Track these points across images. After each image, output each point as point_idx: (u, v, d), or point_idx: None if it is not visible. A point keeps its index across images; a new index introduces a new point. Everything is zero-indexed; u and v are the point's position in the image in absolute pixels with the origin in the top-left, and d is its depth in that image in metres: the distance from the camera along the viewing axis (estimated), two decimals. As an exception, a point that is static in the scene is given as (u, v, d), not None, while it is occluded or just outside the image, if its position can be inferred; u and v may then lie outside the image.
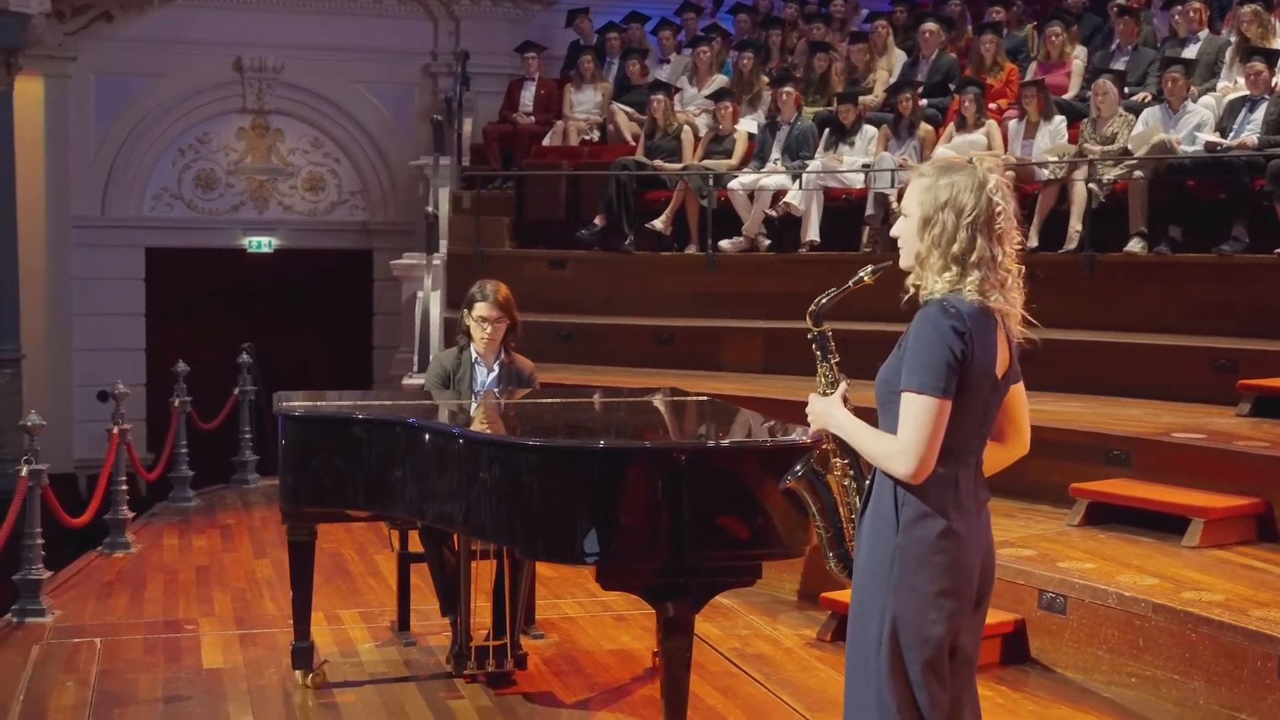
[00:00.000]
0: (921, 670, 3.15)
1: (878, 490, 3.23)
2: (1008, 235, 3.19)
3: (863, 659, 3.22)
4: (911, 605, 3.15)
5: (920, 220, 3.21)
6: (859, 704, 3.25)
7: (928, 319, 3.13)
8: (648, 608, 6.64)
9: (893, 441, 3.14)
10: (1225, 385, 8.20)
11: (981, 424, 3.22)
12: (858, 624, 3.26)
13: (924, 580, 3.15)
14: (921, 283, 3.22)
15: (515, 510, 4.72)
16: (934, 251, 3.18)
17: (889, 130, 11.52)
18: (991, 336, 3.17)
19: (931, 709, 3.17)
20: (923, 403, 3.09)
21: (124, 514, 8.50)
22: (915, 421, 3.09)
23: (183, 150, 14.84)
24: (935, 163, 3.27)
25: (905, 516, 3.16)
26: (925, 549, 3.14)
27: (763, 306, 11.12)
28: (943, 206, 3.16)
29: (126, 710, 5.61)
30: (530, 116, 13.46)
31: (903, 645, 3.16)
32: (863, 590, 3.25)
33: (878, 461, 3.20)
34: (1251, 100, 9.90)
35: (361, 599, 7.34)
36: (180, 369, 10.07)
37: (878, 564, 3.20)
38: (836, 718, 5.43)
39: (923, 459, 3.09)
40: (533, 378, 6.54)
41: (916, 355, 3.11)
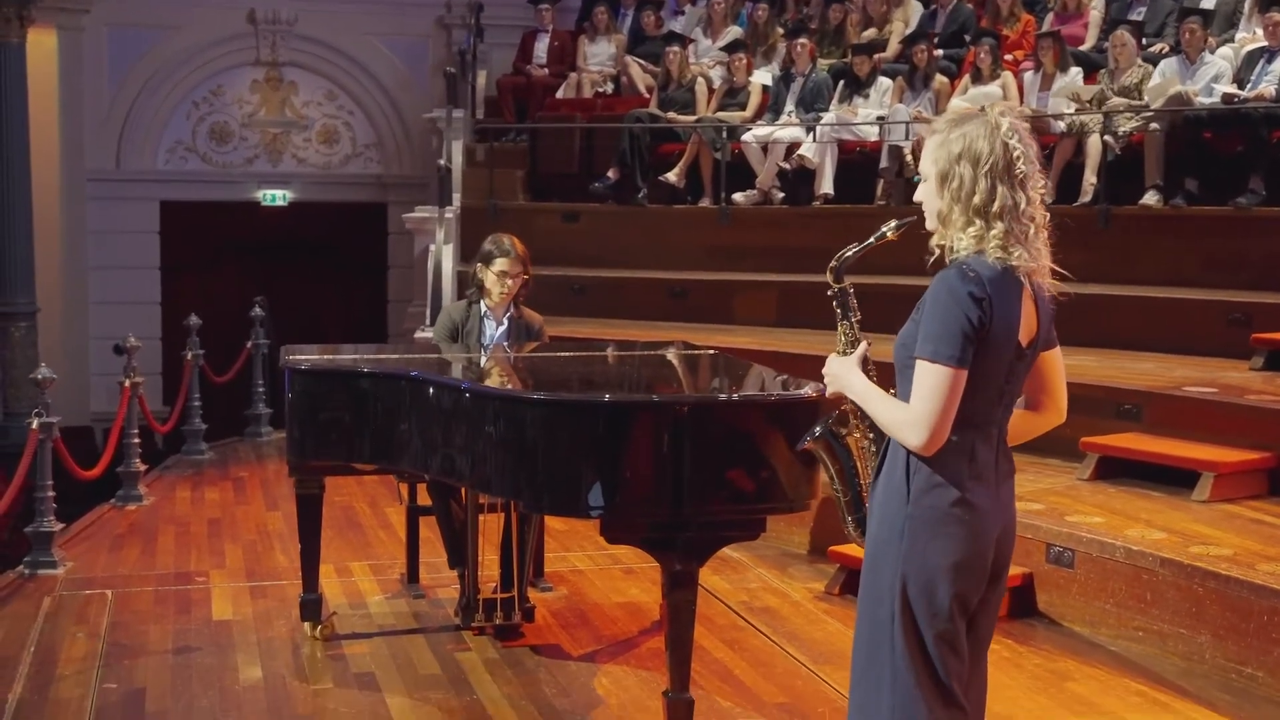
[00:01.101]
0: (935, 642, 3.07)
1: (891, 456, 3.13)
2: (1030, 179, 3.05)
3: (876, 632, 3.13)
4: (922, 577, 3.05)
5: (937, 177, 3.08)
6: (871, 675, 3.15)
7: (945, 284, 3.00)
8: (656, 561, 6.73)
9: (905, 410, 3.03)
10: (1239, 339, 8.16)
11: (1003, 393, 3.11)
12: (870, 595, 3.16)
13: (934, 552, 3.05)
14: (946, 242, 3.09)
15: (521, 464, 4.72)
16: (955, 207, 3.05)
17: (904, 82, 11.45)
18: (1014, 302, 3.03)
19: (950, 678, 3.09)
20: (936, 372, 2.97)
21: (136, 467, 8.53)
22: (928, 391, 2.98)
23: (197, 103, 14.81)
24: (946, 117, 3.15)
25: (916, 485, 3.06)
26: (936, 519, 3.04)
27: (776, 260, 11.08)
28: (958, 159, 3.03)
29: (136, 661, 5.64)
30: (544, 69, 13.39)
31: (915, 617, 3.06)
32: (874, 559, 3.15)
33: (890, 430, 3.09)
34: (1270, 51, 9.80)
35: (372, 551, 7.37)
36: (193, 322, 10.08)
37: (888, 533, 3.10)
38: (843, 671, 5.45)
39: (934, 430, 2.99)
40: (542, 331, 6.54)
41: (932, 321, 2.99)
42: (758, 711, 5.13)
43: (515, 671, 5.55)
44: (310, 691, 5.33)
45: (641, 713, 5.10)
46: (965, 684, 3.15)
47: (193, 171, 14.83)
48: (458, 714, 5.10)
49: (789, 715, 5.10)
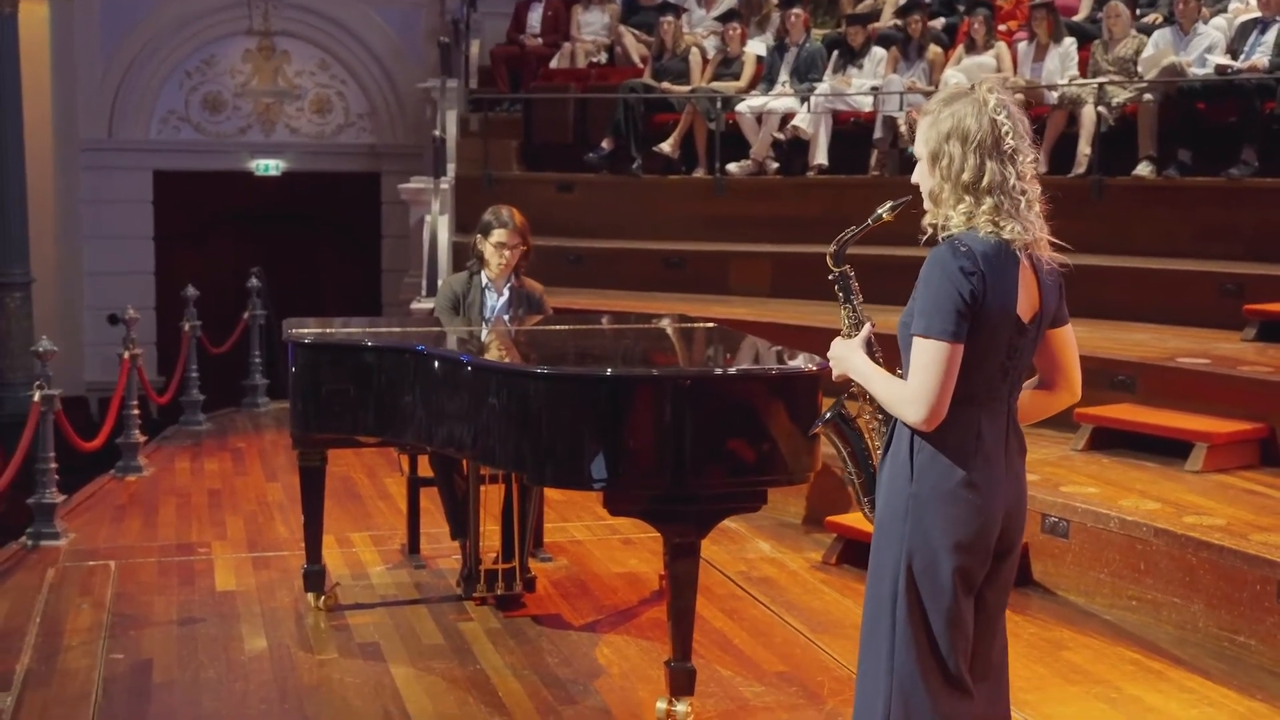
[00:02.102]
0: (939, 619, 3.10)
1: (896, 436, 3.16)
2: (1020, 154, 3.07)
3: (878, 609, 3.17)
4: (926, 555, 3.08)
5: (929, 157, 3.12)
6: (874, 648, 3.19)
7: (937, 260, 3.03)
8: (655, 531, 6.77)
9: (904, 388, 3.07)
10: (1232, 309, 8.21)
11: (1007, 369, 3.11)
12: (875, 573, 3.20)
13: (937, 529, 3.08)
14: (938, 220, 3.12)
15: (524, 436, 4.77)
16: (945, 185, 3.08)
17: (898, 52, 11.47)
18: (1009, 276, 3.05)
19: (950, 657, 3.12)
20: (931, 347, 2.99)
21: (136, 438, 8.57)
22: (924, 367, 3.00)
23: (189, 72, 14.79)
24: (937, 96, 3.18)
25: (920, 463, 3.09)
26: (939, 497, 3.07)
27: (771, 230, 11.12)
28: (947, 138, 3.06)
29: (142, 632, 5.70)
30: (538, 38, 13.39)
31: (919, 595, 3.10)
32: (879, 538, 3.19)
33: (891, 408, 3.12)
34: (1263, 22, 9.82)
35: (372, 522, 7.42)
36: (190, 293, 10.10)
37: (892, 511, 3.14)
38: (841, 639, 5.57)
39: (933, 406, 3.00)
40: (543, 301, 6.58)
41: (925, 298, 3.02)
42: (758, 680, 5.20)
43: (517, 641, 5.61)
44: (315, 661, 5.39)
45: (643, 682, 5.16)
46: (971, 659, 3.19)
47: (186, 141, 14.82)
48: (461, 683, 5.16)
49: (788, 684, 5.17)
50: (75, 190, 14.22)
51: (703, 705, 4.88)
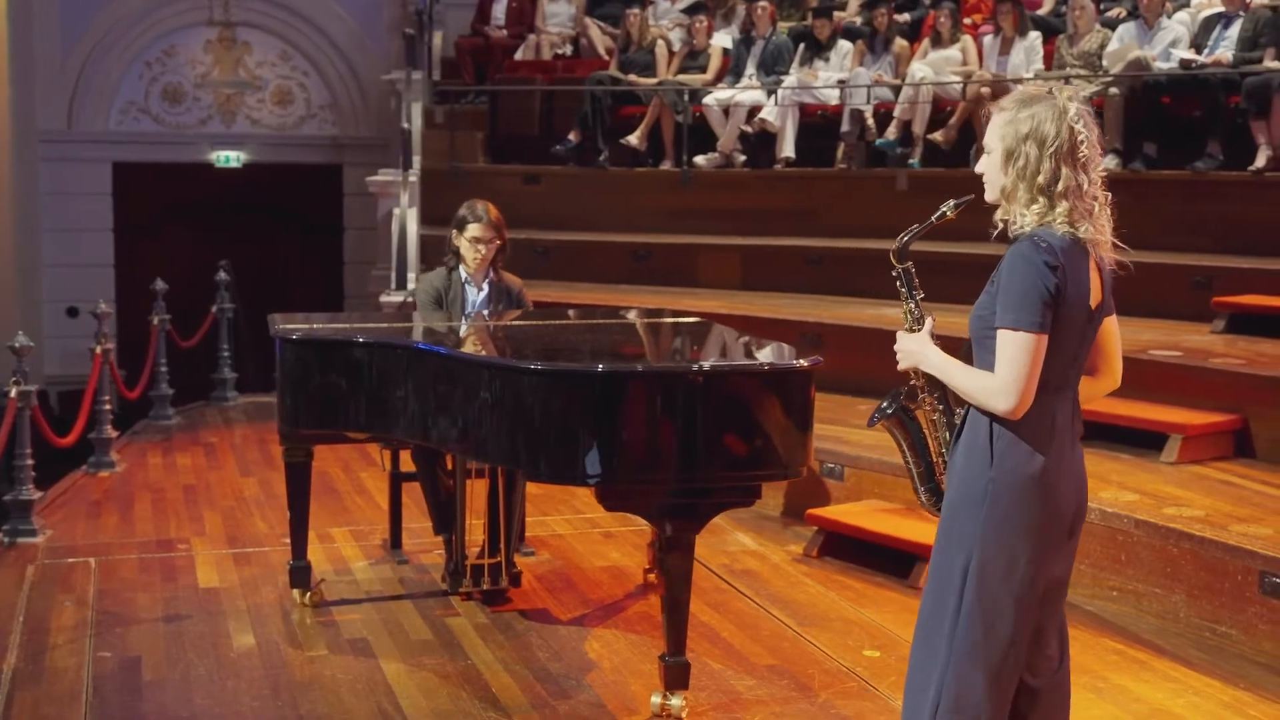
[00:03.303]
0: (1009, 603, 3.20)
1: (971, 424, 3.26)
2: (1092, 162, 3.18)
3: (943, 590, 3.27)
4: (1003, 538, 3.19)
5: (1003, 154, 3.21)
6: (932, 632, 3.29)
7: (1020, 254, 3.14)
8: (636, 524, 6.83)
9: (990, 379, 3.16)
10: (1200, 302, 8.32)
11: (1077, 356, 3.24)
12: (943, 556, 3.29)
13: (1017, 514, 3.18)
14: (1009, 217, 3.23)
15: (518, 432, 4.78)
16: (1020, 185, 3.19)
17: (864, 45, 11.52)
18: (1084, 268, 3.17)
19: (1013, 642, 3.23)
20: (1019, 339, 3.10)
21: (108, 433, 8.51)
22: (1012, 358, 3.11)
23: (149, 63, 14.68)
24: (1015, 96, 3.27)
25: (1000, 449, 3.18)
26: (1020, 482, 3.18)
27: (739, 222, 11.17)
28: (1025, 139, 3.17)
29: (128, 630, 5.67)
30: (503, 30, 13.37)
31: (990, 578, 3.19)
32: (951, 523, 3.28)
33: (975, 399, 3.21)
34: (1226, 16, 9.95)
35: (351, 517, 7.41)
36: (159, 287, 10.03)
37: (969, 497, 3.22)
38: (828, 632, 5.62)
39: (1022, 395, 3.12)
40: (522, 295, 6.59)
41: (1011, 292, 3.12)
42: (748, 673, 5.23)
43: (506, 636, 5.62)
44: (305, 658, 5.37)
45: (635, 676, 5.19)
46: (1027, 647, 3.28)
47: (145, 133, 14.70)
48: (453, 679, 5.17)
49: (779, 677, 5.20)
50: (35, 181, 14.06)
51: (696, 699, 4.91)
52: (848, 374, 7.96)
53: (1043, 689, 3.33)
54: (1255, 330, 7.92)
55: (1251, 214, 9.05)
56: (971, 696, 3.25)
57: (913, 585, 6.15)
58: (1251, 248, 8.81)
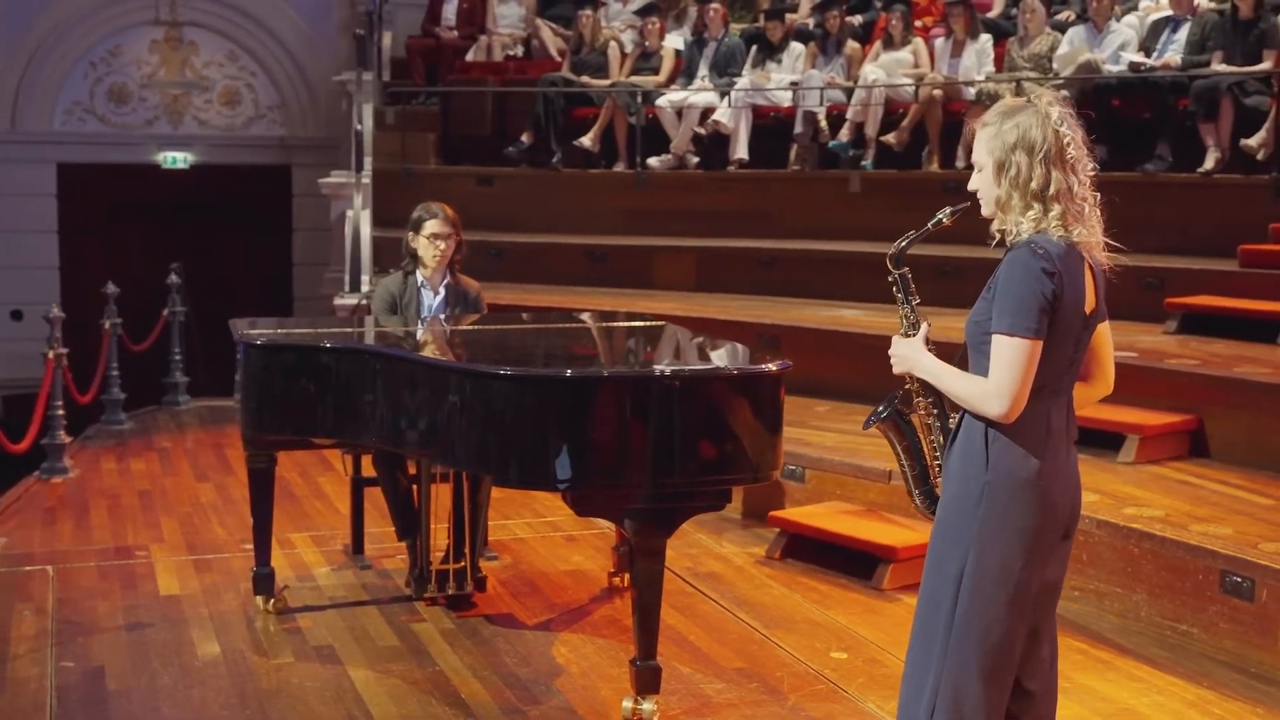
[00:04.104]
0: (1004, 605, 3.23)
1: (966, 429, 3.29)
2: (1080, 163, 3.25)
3: (938, 593, 3.29)
4: (999, 541, 3.22)
5: (994, 166, 3.25)
6: (927, 636, 3.32)
7: (1018, 261, 3.17)
8: (597, 527, 6.84)
9: (984, 383, 3.20)
10: (1152, 302, 8.39)
11: (1073, 361, 3.29)
12: (938, 559, 3.32)
13: (1012, 517, 3.21)
14: (1006, 227, 3.27)
15: (488, 437, 4.76)
16: (1014, 194, 3.23)
17: (816, 47, 11.57)
18: (1080, 274, 3.23)
19: (1007, 645, 3.26)
20: (1015, 344, 3.14)
21: (62, 439, 8.41)
22: (1008, 363, 3.15)
23: (94, 63, 14.51)
24: (996, 109, 3.31)
25: (995, 453, 3.22)
26: (1015, 486, 3.21)
27: (693, 224, 11.20)
28: (1013, 148, 3.21)
29: (90, 638, 5.61)
30: (454, 30, 13.33)
31: (985, 580, 3.22)
32: (946, 526, 3.31)
33: (969, 404, 3.24)
34: (1174, 20, 10.07)
35: (310, 522, 7.36)
36: (110, 290, 9.92)
37: (964, 501, 3.26)
38: (794, 634, 5.64)
39: (1015, 400, 3.16)
40: (479, 299, 6.58)
41: (1008, 297, 3.16)
42: (717, 676, 5.25)
43: (473, 641, 5.60)
44: (272, 666, 5.33)
45: (604, 680, 5.19)
46: (1023, 650, 3.32)
47: (91, 133, 14.53)
48: (422, 685, 5.15)
49: (748, 680, 5.22)
50: (-24, 183, 13.89)
51: (667, 703, 4.92)
52: (806, 375, 7.94)
53: (1037, 692, 3.36)
54: (1208, 331, 8.02)
55: (1201, 215, 9.16)
56: (967, 699, 3.27)
57: (876, 587, 6.19)
58: (1201, 249, 8.93)
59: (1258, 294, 8.16)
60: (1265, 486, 6.36)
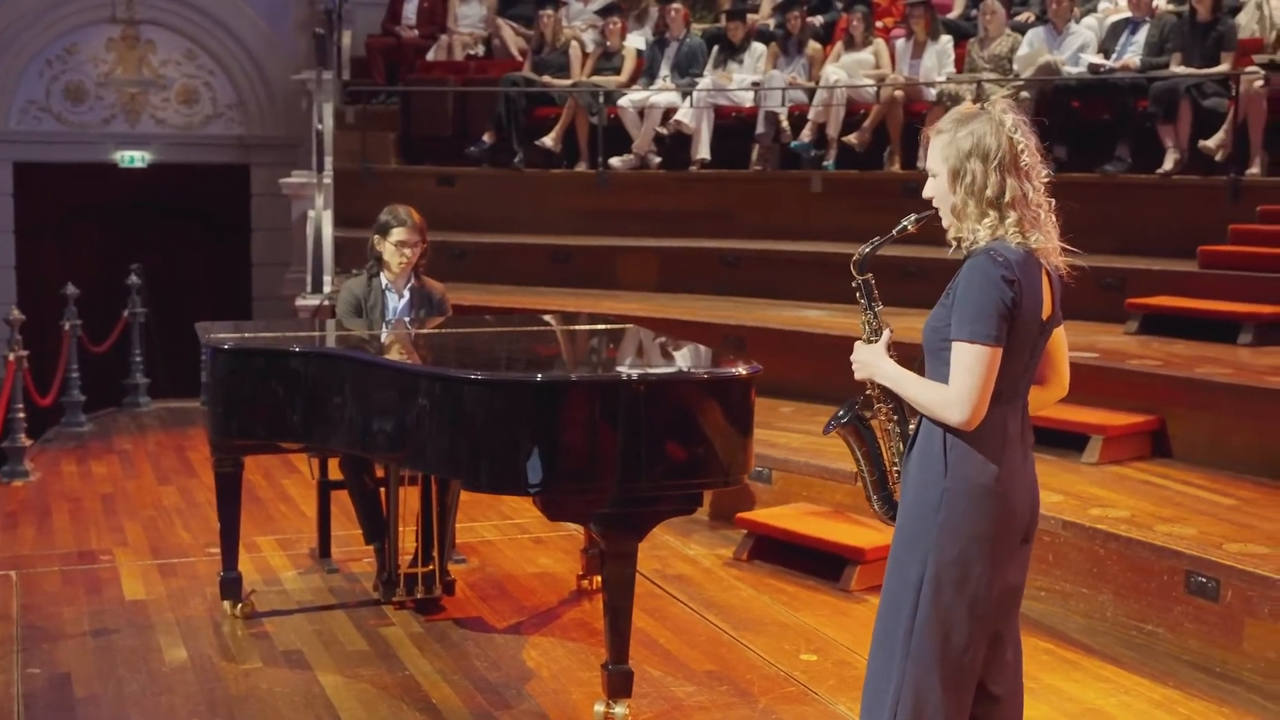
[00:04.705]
0: (964, 610, 3.25)
1: (924, 435, 3.30)
2: (1034, 170, 3.26)
3: (898, 599, 3.30)
4: (957, 547, 3.23)
5: (949, 174, 3.26)
6: (888, 641, 3.33)
7: (977, 268, 3.18)
8: (564, 529, 6.84)
9: (944, 390, 3.21)
10: (1112, 303, 8.46)
11: (1028, 367, 3.30)
12: (898, 565, 3.33)
13: (971, 522, 3.22)
14: (962, 235, 3.28)
15: (458, 442, 4.76)
16: (969, 201, 3.24)
17: (778, 48, 11.61)
18: (1037, 281, 3.25)
19: (968, 650, 3.28)
20: (975, 351, 3.16)
21: (22, 442, 8.33)
22: (968, 370, 3.17)
23: (50, 61, 14.35)
24: (950, 116, 3.32)
25: (953, 459, 3.23)
26: (973, 491, 3.22)
27: (656, 224, 11.21)
28: (968, 156, 3.23)
29: (56, 645, 5.56)
30: (414, 30, 13.28)
31: (945, 586, 3.24)
32: (906, 532, 3.32)
33: (929, 410, 3.26)
34: (1133, 22, 10.16)
35: (276, 525, 7.32)
36: (70, 291, 9.82)
37: (924, 506, 3.27)
38: (763, 637, 5.66)
39: (975, 407, 3.17)
40: (445, 301, 6.56)
41: (968, 304, 3.17)
42: (688, 679, 5.25)
43: (443, 645, 5.59)
44: (240, 671, 5.31)
45: (575, 684, 5.19)
46: (983, 655, 3.33)
47: (47, 132, 14.37)
48: (392, 689, 5.13)
49: (719, 682, 5.23)
50: (-70, 182, 13.74)
51: (638, 706, 4.92)
52: (771, 376, 7.93)
53: (1003, 696, 3.39)
54: (1168, 331, 8.10)
55: (1160, 216, 9.25)
56: (928, 704, 3.30)
57: (844, 588, 6.21)
58: (1161, 249, 9.00)
59: (1217, 295, 8.24)
60: (1227, 486, 6.43)
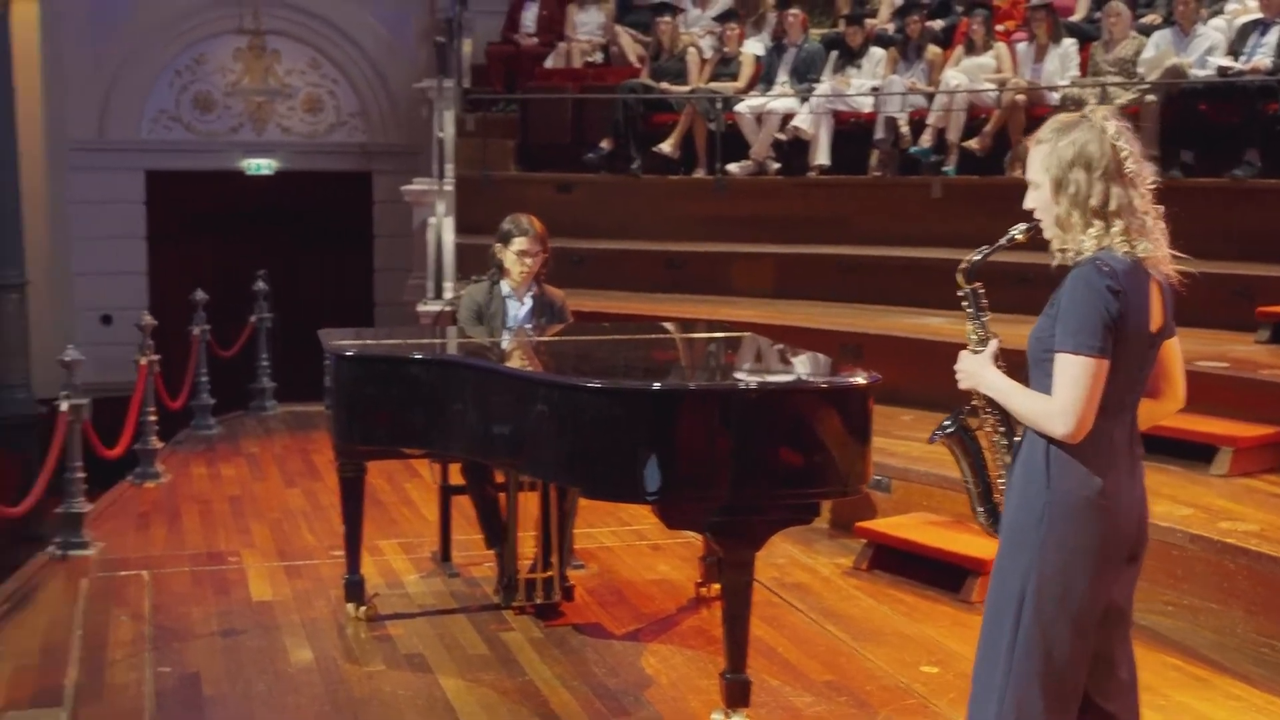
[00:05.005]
0: (1066, 627, 3.19)
1: (1028, 446, 3.25)
2: (1139, 177, 3.19)
3: (1001, 613, 3.26)
4: (1058, 562, 3.17)
5: (1052, 184, 3.21)
6: (991, 654, 3.28)
7: (1082, 278, 3.13)
8: (683, 537, 6.85)
9: (1049, 402, 3.15)
10: (1241, 311, 8.26)
11: (1136, 380, 3.24)
12: (1000, 578, 3.29)
13: (1073, 537, 3.17)
14: (1067, 245, 3.22)
15: (576, 449, 4.78)
16: (1074, 212, 3.19)
17: (896, 53, 11.53)
18: (1144, 292, 3.18)
19: (1070, 667, 3.22)
20: (1080, 363, 3.10)
21: (154, 444, 8.54)
22: (1072, 382, 3.11)
23: (179, 71, 14.72)
24: (1050, 125, 3.27)
25: (1056, 472, 3.17)
26: (1076, 504, 3.16)
27: (773, 230, 11.17)
28: (1070, 166, 3.18)
29: (186, 644, 5.70)
30: (533, 37, 13.39)
31: (1047, 601, 3.18)
32: (1009, 544, 3.28)
33: (1033, 422, 3.21)
34: (1264, 24, 9.92)
35: (398, 529, 7.42)
36: (199, 297, 10.05)
37: (1026, 519, 3.22)
38: (884, 648, 5.62)
39: (1080, 419, 3.11)
40: (565, 308, 6.59)
41: (1072, 315, 3.11)
42: (806, 689, 5.24)
43: (562, 651, 5.63)
44: (364, 673, 5.39)
45: (694, 692, 5.19)
46: (1100, 677, 3.28)
47: (177, 141, 14.74)
48: (512, 695, 5.18)
49: (837, 693, 5.21)
50: (66, 191, 14.11)
51: (756, 715, 4.91)
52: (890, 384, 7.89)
53: (1118, 713, 3.33)
54: (1300, 340, 7.92)
55: (1291, 222, 9.03)
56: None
57: (965, 599, 6.15)
58: (1292, 256, 8.80)
59: (1350, 302, 8.04)
60: (1361, 500, 6.27)
